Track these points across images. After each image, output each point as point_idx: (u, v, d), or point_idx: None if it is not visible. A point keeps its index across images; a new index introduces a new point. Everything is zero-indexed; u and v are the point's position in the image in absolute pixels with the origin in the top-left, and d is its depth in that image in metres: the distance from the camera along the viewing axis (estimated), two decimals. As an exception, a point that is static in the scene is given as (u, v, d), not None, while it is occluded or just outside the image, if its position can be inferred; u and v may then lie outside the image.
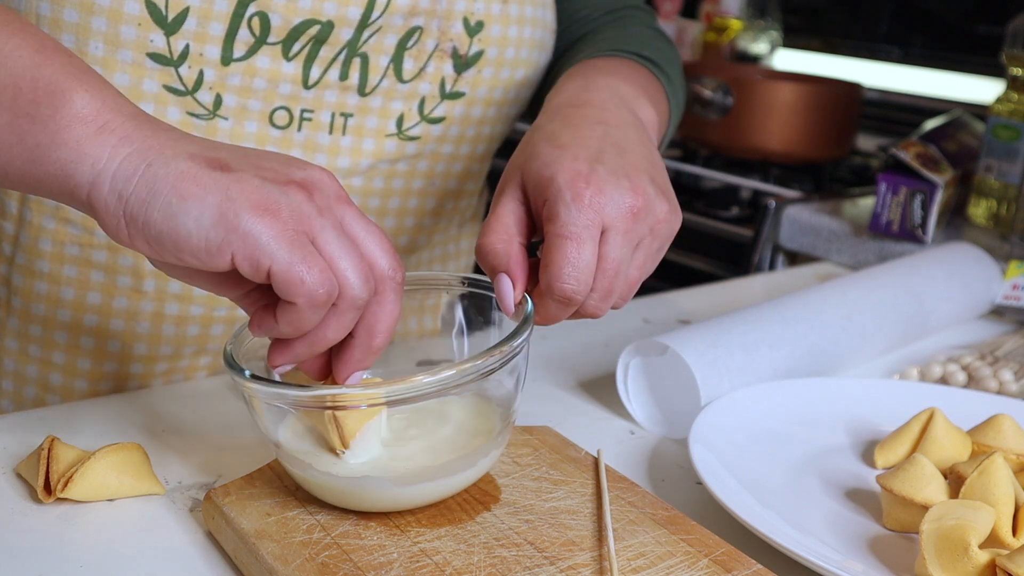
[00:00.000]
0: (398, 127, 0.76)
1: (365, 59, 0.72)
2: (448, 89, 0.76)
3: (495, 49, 0.77)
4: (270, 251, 0.46)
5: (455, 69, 0.76)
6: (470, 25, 0.75)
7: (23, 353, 0.76)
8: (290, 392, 0.50)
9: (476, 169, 0.85)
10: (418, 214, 0.83)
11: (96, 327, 0.75)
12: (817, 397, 0.75)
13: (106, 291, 0.74)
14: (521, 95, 0.82)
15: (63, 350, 0.76)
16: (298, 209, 0.48)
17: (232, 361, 0.52)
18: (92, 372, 0.76)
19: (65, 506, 0.56)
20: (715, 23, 2.13)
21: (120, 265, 0.73)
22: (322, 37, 0.70)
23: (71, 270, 0.73)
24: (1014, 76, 1.28)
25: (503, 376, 0.54)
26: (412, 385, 0.49)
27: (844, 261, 1.25)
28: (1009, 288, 1.04)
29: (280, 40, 0.69)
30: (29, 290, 0.74)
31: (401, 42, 0.73)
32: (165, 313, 0.75)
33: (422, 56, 0.74)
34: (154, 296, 0.74)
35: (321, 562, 0.49)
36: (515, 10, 0.77)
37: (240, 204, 0.47)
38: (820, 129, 1.53)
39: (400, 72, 0.74)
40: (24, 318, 0.75)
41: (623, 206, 0.56)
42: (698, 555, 0.51)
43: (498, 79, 0.78)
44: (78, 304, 0.74)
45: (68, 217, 0.72)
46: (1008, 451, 0.65)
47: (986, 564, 0.51)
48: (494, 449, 0.55)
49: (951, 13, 1.88)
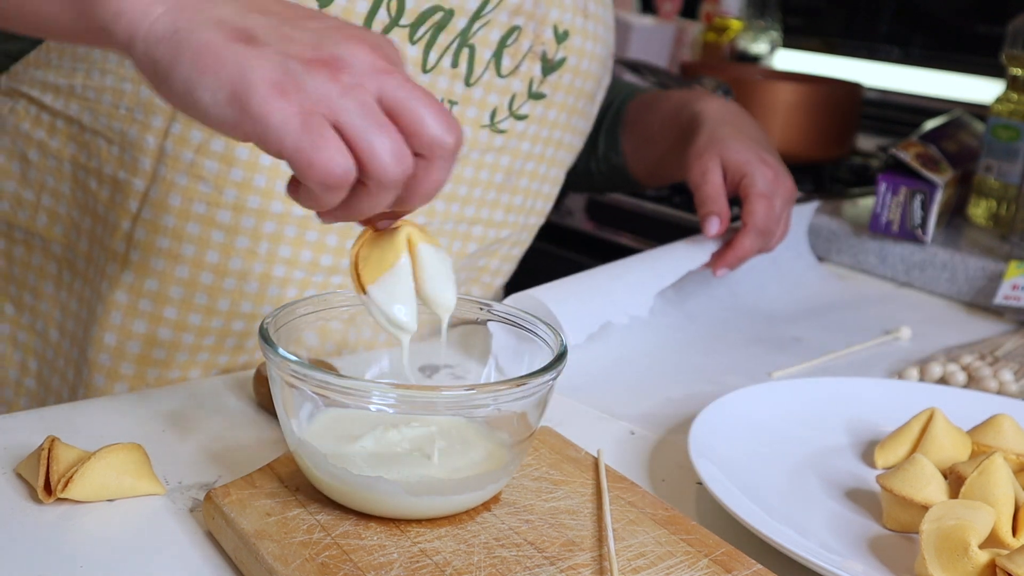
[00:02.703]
0: (491, 119, 0.83)
1: (472, 50, 0.79)
2: (534, 89, 0.84)
3: (575, 58, 0.86)
4: (278, 135, 0.46)
5: (542, 71, 0.84)
6: (558, 32, 0.84)
7: (132, 308, 0.78)
8: (316, 375, 0.51)
9: (550, 175, 0.92)
10: (493, 206, 0.88)
11: (211, 285, 0.78)
12: (817, 397, 0.75)
13: (224, 251, 0.77)
14: (587, 108, 0.92)
15: (176, 306, 0.78)
16: (315, 91, 0.46)
17: (267, 336, 0.53)
18: (200, 327, 0.79)
19: (65, 506, 0.56)
20: (715, 23, 2.13)
21: (242, 226, 0.76)
22: (443, 23, 0.76)
23: (194, 227, 0.76)
24: (1014, 76, 1.28)
25: (530, 406, 0.54)
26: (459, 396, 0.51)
27: (844, 261, 1.25)
28: (1009, 288, 1.04)
29: (410, 23, 0.75)
30: (151, 245, 0.77)
31: (503, 39, 0.80)
32: (272, 275, 0.79)
33: (518, 55, 0.81)
34: (265, 258, 0.78)
35: (321, 562, 0.49)
36: (592, 27, 0.86)
37: (253, 84, 0.46)
38: (820, 129, 1.53)
39: (499, 67, 0.81)
40: (141, 273, 0.78)
41: (788, 184, 0.92)
42: (698, 555, 0.51)
43: (573, 87, 0.87)
44: (197, 261, 0.77)
45: (201, 175, 0.75)
46: (1008, 451, 0.65)
47: (986, 564, 0.51)
48: (505, 476, 0.55)
49: (951, 13, 1.88)
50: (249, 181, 0.75)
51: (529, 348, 0.59)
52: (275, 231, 0.77)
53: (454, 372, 0.77)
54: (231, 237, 0.77)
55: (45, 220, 0.82)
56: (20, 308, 0.85)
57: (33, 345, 0.85)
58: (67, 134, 0.79)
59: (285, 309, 0.57)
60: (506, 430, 0.57)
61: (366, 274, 0.53)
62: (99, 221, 0.79)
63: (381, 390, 0.51)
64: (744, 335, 0.95)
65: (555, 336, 0.57)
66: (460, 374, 0.76)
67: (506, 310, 0.61)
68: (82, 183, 0.79)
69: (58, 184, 0.80)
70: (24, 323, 0.85)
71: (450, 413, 0.57)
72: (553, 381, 0.54)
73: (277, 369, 0.53)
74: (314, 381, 0.51)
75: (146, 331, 0.79)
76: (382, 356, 0.67)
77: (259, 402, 0.70)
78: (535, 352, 0.58)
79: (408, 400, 0.51)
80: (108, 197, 0.78)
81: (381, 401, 0.51)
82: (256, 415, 0.69)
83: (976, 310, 1.11)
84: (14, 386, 0.87)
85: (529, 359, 0.58)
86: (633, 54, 1.98)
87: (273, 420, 0.68)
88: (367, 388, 0.52)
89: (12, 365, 0.86)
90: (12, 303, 0.85)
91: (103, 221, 0.79)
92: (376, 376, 0.66)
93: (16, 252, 0.84)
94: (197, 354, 0.80)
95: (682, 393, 0.80)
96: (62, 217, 0.81)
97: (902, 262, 1.19)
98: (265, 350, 0.52)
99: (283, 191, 0.75)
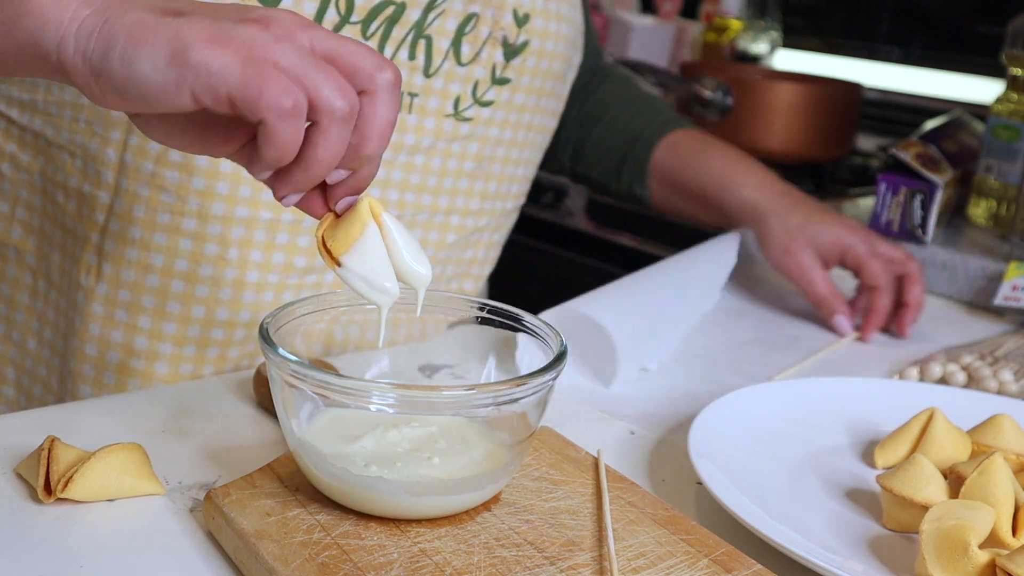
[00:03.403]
0: (455, 108, 0.82)
1: (430, 41, 0.79)
2: (497, 75, 0.84)
3: (538, 40, 0.85)
4: (223, 76, 0.46)
5: (504, 56, 0.83)
6: (518, 16, 0.83)
7: (109, 318, 0.79)
8: (316, 375, 0.51)
9: (523, 157, 0.91)
10: (468, 195, 0.88)
11: (182, 293, 0.78)
12: (817, 397, 0.75)
13: (193, 258, 0.77)
14: (557, 88, 0.91)
15: (149, 315, 0.79)
16: (251, 38, 0.47)
17: (267, 336, 0.53)
18: (176, 336, 0.79)
19: (65, 506, 0.56)
20: (715, 23, 2.13)
21: (208, 233, 0.76)
22: (395, 17, 0.76)
23: (161, 237, 0.76)
24: (1014, 76, 1.28)
25: (530, 406, 0.54)
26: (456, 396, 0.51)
27: (844, 261, 1.25)
28: (1009, 289, 1.04)
29: (360, 20, 0.75)
30: (120, 256, 0.77)
31: (460, 27, 0.80)
32: (246, 280, 0.78)
33: (477, 42, 0.81)
34: (237, 264, 0.78)
35: (321, 562, 0.49)
36: (554, 7, 0.85)
37: (190, 40, 0.47)
38: (820, 129, 1.53)
39: (459, 56, 0.81)
40: (113, 284, 0.78)
41: (867, 230, 0.99)
42: (698, 555, 0.51)
43: (539, 69, 0.86)
44: (166, 270, 0.77)
45: (162, 185, 0.75)
46: (1008, 451, 0.65)
47: (986, 564, 0.51)
48: (505, 476, 0.55)
49: (951, 13, 1.89)
50: (212, 188, 0.75)
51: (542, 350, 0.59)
52: (244, 236, 0.77)
53: (454, 372, 0.77)
54: (199, 244, 0.77)
55: (20, 232, 0.82)
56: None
57: (9, 355, 0.86)
58: (35, 148, 0.79)
59: (285, 309, 0.57)
60: (506, 430, 0.57)
61: (336, 247, 0.53)
62: (68, 234, 0.80)
63: (381, 390, 0.51)
64: (744, 335, 0.95)
65: (555, 336, 0.57)
66: (460, 374, 0.76)
67: (499, 307, 0.61)
68: (51, 196, 0.80)
69: (31, 197, 0.81)
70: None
71: (450, 413, 0.57)
72: (553, 381, 0.54)
73: (277, 369, 0.53)
74: (314, 381, 0.51)
75: (123, 341, 0.79)
76: (382, 356, 0.67)
77: (259, 402, 0.70)
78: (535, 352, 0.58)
79: (408, 400, 0.51)
80: (75, 210, 0.78)
81: (381, 401, 0.51)
82: (256, 415, 0.69)
83: (976, 310, 1.11)
84: None
85: (529, 359, 0.58)
86: (633, 54, 1.98)
87: (273, 420, 0.68)
88: (367, 388, 0.52)
89: None
90: None
91: (72, 234, 0.79)
92: (376, 376, 0.66)
93: None
94: (179, 364, 0.80)
95: (682, 393, 0.80)
96: (35, 229, 0.81)
97: (902, 262, 1.19)
98: (265, 350, 0.52)
99: (247, 196, 0.76)
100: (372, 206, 0.53)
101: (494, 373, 0.67)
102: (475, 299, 0.62)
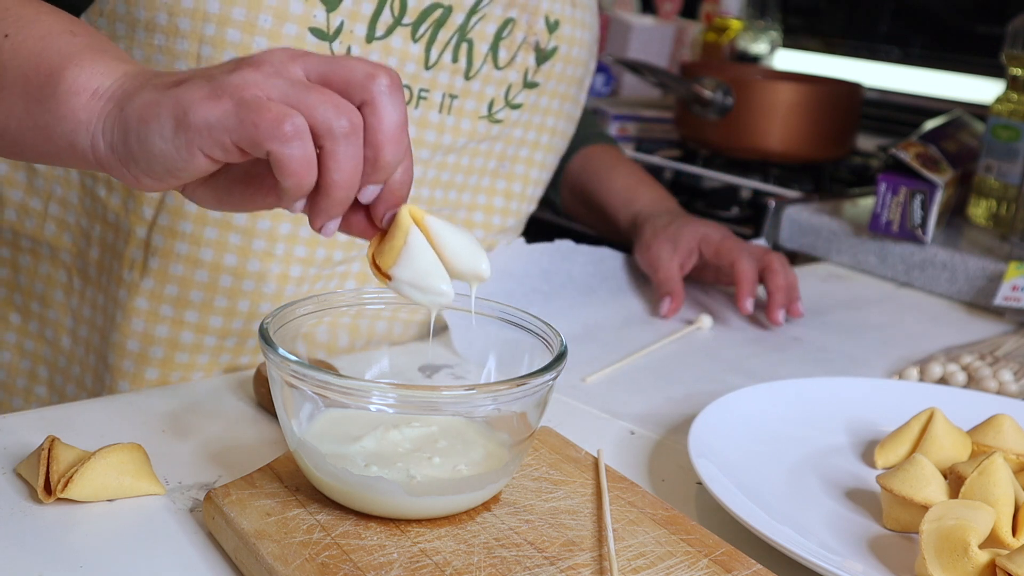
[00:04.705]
0: (489, 110, 0.85)
1: (471, 44, 0.81)
2: (529, 79, 0.87)
3: (566, 46, 0.88)
4: (222, 125, 0.47)
5: (536, 61, 0.86)
6: (550, 22, 0.86)
7: (154, 313, 0.79)
8: (316, 375, 0.51)
9: (536, 159, 0.92)
10: (490, 193, 0.89)
11: (230, 287, 0.79)
12: (817, 397, 0.75)
13: (241, 253, 0.78)
14: (577, 94, 0.94)
15: (197, 309, 0.79)
16: (243, 81, 0.48)
17: (267, 336, 0.53)
18: (222, 330, 0.80)
19: (65, 506, 0.56)
20: (715, 23, 2.13)
21: (258, 229, 0.78)
22: (442, 20, 0.79)
23: (212, 232, 0.77)
24: (1014, 76, 1.28)
25: (530, 406, 0.54)
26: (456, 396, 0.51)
27: (844, 261, 1.25)
28: (1009, 289, 1.04)
29: (412, 22, 0.77)
30: (169, 250, 0.78)
31: (498, 31, 0.83)
32: (289, 275, 0.80)
33: (513, 47, 0.84)
34: (283, 259, 0.79)
35: (321, 562, 0.49)
36: (579, 14, 0.89)
37: (188, 103, 0.48)
38: (820, 129, 1.52)
39: (496, 59, 0.83)
40: (160, 278, 0.78)
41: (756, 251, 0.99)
42: (698, 555, 0.51)
43: (564, 74, 0.90)
44: (215, 265, 0.78)
45: None
46: (1008, 451, 0.65)
47: (986, 564, 0.51)
48: (505, 476, 0.55)
49: (951, 13, 1.88)
50: None
51: (530, 346, 0.59)
52: (291, 232, 0.78)
53: (454, 372, 0.77)
54: (248, 240, 0.77)
55: (53, 228, 0.82)
56: (27, 317, 0.85)
57: (42, 353, 0.86)
58: None
59: (285, 309, 0.57)
60: (506, 430, 0.57)
61: (384, 262, 0.53)
62: (110, 228, 0.79)
63: (381, 390, 0.51)
64: (744, 335, 0.95)
65: (555, 336, 0.57)
66: (460, 374, 0.76)
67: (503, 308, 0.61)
68: (90, 191, 0.79)
69: (66, 192, 0.81)
70: (32, 331, 0.85)
71: (450, 413, 0.57)
72: (553, 381, 0.54)
73: (277, 369, 0.53)
74: (314, 381, 0.51)
75: (168, 335, 0.79)
76: (382, 356, 0.68)
77: (259, 402, 0.70)
78: (534, 351, 0.58)
79: (408, 400, 0.51)
80: (119, 204, 0.78)
81: (381, 401, 0.51)
82: (256, 415, 0.69)
83: (976, 310, 1.11)
84: (23, 395, 0.87)
85: (529, 359, 0.58)
86: (633, 54, 1.98)
87: (273, 420, 0.68)
88: (367, 388, 0.52)
89: (20, 374, 0.86)
90: (18, 312, 0.85)
91: (114, 228, 0.79)
92: (376, 376, 0.66)
93: (22, 261, 0.84)
94: (219, 355, 0.81)
95: (682, 393, 0.80)
96: (71, 225, 0.81)
97: (902, 262, 1.19)
98: (265, 350, 0.52)
99: None
100: (412, 212, 0.53)
101: (494, 373, 0.67)
102: (478, 298, 0.62)
